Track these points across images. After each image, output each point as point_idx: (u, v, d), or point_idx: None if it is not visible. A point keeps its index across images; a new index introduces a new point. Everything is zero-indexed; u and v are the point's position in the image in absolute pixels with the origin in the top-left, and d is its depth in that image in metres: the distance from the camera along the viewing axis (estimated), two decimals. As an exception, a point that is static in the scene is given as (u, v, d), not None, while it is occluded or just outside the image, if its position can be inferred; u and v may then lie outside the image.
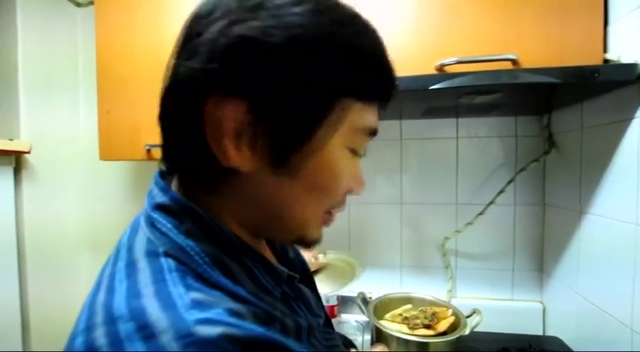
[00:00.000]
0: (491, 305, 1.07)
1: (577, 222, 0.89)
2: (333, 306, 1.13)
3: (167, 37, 0.95)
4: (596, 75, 0.64)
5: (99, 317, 0.25)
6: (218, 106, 0.28)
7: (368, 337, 1.03)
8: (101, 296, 0.27)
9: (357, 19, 0.32)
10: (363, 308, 0.94)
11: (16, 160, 1.09)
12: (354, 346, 0.94)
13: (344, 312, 1.17)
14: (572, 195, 0.91)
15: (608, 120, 0.77)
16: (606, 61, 0.73)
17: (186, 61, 0.29)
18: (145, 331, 0.22)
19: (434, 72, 0.78)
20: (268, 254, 0.43)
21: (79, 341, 0.24)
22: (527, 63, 0.74)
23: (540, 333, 1.05)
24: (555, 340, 0.98)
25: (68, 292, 1.23)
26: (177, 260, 0.28)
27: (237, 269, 0.30)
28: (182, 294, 0.25)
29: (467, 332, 0.84)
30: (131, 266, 0.28)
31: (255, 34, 0.27)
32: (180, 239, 0.29)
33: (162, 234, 0.30)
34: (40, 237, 1.16)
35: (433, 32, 0.80)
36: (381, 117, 0.37)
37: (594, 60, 0.73)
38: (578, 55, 0.74)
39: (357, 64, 0.30)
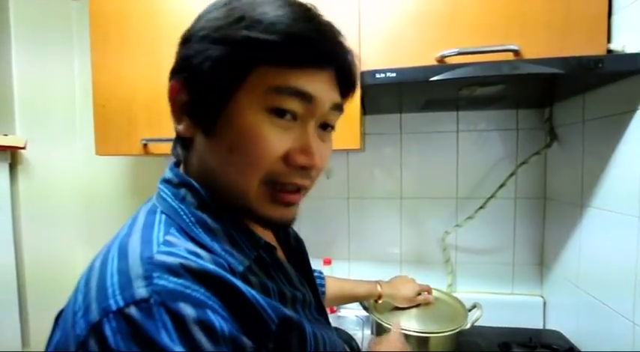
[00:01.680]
0: (492, 299, 1.07)
1: (578, 216, 0.88)
2: (332, 301, 1.13)
3: (163, 31, 0.93)
4: (600, 65, 0.63)
5: (102, 251, 0.34)
6: (171, 87, 0.38)
7: (368, 332, 1.02)
8: (110, 241, 0.35)
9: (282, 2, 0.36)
10: (363, 303, 0.93)
11: (11, 156, 1.08)
12: (354, 340, 0.94)
13: (344, 307, 1.17)
14: (573, 189, 0.90)
15: (610, 112, 0.76)
16: (610, 51, 0.72)
17: None
18: (122, 255, 0.31)
19: (434, 63, 0.77)
20: (267, 235, 0.46)
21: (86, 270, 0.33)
22: (529, 53, 0.73)
23: (541, 327, 1.05)
24: (556, 334, 0.97)
25: (66, 287, 1.22)
26: (168, 216, 0.36)
27: (217, 229, 0.36)
28: (159, 236, 0.33)
29: (467, 326, 0.83)
30: (134, 220, 0.36)
31: (190, 30, 0.38)
32: (175, 203, 0.37)
33: (163, 199, 0.38)
34: (36, 233, 1.15)
35: (434, 23, 0.79)
36: (380, 111, 0.39)
37: (598, 50, 0.72)
38: (581, 45, 0.72)
39: (261, 36, 0.33)
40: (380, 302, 0.88)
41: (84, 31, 1.03)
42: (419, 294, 0.89)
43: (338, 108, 0.39)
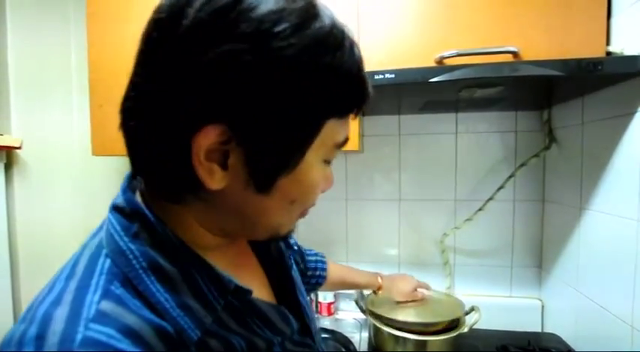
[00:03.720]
0: (490, 302, 1.06)
1: (577, 219, 0.88)
2: (330, 303, 1.12)
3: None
4: (599, 67, 0.63)
5: (30, 313, 0.27)
6: (200, 133, 0.27)
7: (365, 334, 1.02)
8: (44, 292, 0.29)
9: (335, 31, 0.29)
10: (361, 305, 0.93)
11: (6, 156, 1.07)
12: (351, 344, 0.93)
13: (342, 310, 1.16)
14: (572, 191, 0.90)
15: (609, 114, 0.76)
16: (609, 53, 0.72)
17: (154, 65, 0.28)
18: (39, 341, 0.24)
19: (433, 64, 0.76)
20: (242, 244, 0.43)
21: (10, 332, 0.26)
22: (528, 55, 0.73)
23: (539, 330, 1.05)
24: (554, 337, 0.97)
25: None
26: (113, 262, 0.29)
27: (174, 276, 0.29)
28: (92, 303, 0.26)
29: (465, 329, 0.83)
30: (73, 268, 0.30)
31: (238, 51, 0.25)
32: (123, 242, 0.30)
33: (110, 235, 0.30)
34: (32, 234, 1.14)
35: (433, 24, 0.78)
36: (378, 112, 0.37)
37: (597, 52, 0.71)
38: (580, 47, 0.72)
39: (338, 85, 0.29)
40: (379, 293, 0.88)
41: (81, 29, 1.03)
42: (416, 291, 0.88)
43: None
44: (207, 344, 0.30)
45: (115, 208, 0.32)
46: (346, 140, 0.34)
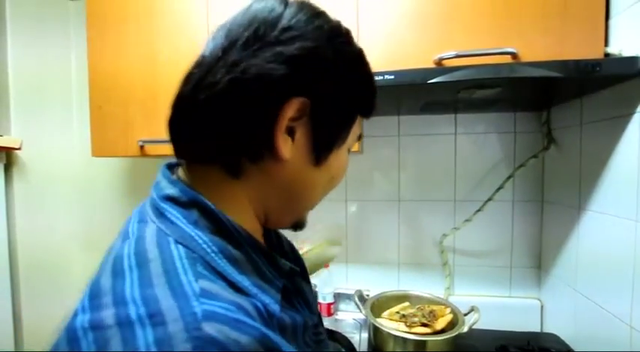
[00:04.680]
0: (489, 302, 1.06)
1: (576, 219, 0.88)
2: (330, 304, 1.12)
3: (160, 31, 0.93)
4: (598, 69, 0.63)
5: (107, 299, 0.25)
6: (289, 105, 0.32)
7: (365, 335, 1.02)
8: (107, 280, 0.27)
9: (358, 49, 0.39)
10: (360, 305, 0.93)
11: (6, 156, 1.07)
12: (350, 344, 0.93)
13: (341, 310, 1.16)
14: (571, 192, 0.90)
15: (607, 115, 0.76)
16: (607, 54, 0.72)
17: (253, 59, 0.31)
18: (157, 318, 0.23)
19: (432, 65, 0.77)
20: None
21: (84, 319, 0.25)
22: (527, 57, 0.73)
23: (538, 330, 1.05)
24: (553, 337, 0.97)
25: (61, 290, 1.21)
26: (187, 248, 0.29)
27: (242, 260, 0.31)
28: (192, 282, 0.26)
29: (465, 329, 0.83)
30: (142, 255, 0.29)
31: (314, 48, 0.33)
32: (189, 228, 0.31)
33: (173, 223, 0.31)
34: (31, 235, 1.14)
35: (432, 25, 0.79)
36: (378, 113, 0.42)
37: (595, 54, 0.72)
38: (578, 48, 0.72)
39: (370, 86, 0.40)
40: None
41: (81, 30, 1.03)
42: None
43: None
44: (282, 319, 0.32)
45: (169, 198, 0.33)
46: (361, 136, 0.43)
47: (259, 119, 0.32)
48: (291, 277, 0.38)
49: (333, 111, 0.35)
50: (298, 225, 0.42)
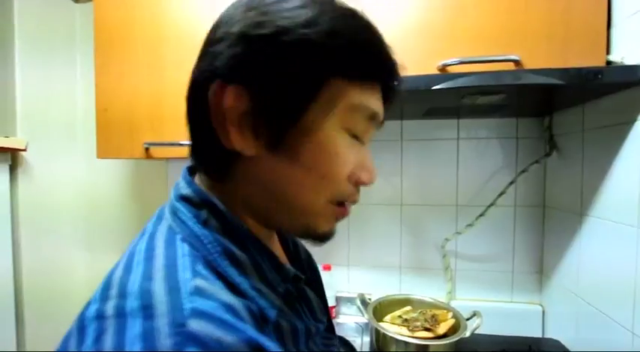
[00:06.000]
0: (491, 307, 1.07)
1: (577, 225, 0.89)
2: (332, 308, 1.13)
3: (166, 34, 0.94)
4: (600, 76, 0.64)
5: (114, 290, 0.27)
6: (220, 94, 0.31)
7: (367, 339, 1.02)
8: (119, 273, 0.29)
9: (352, 12, 0.34)
10: (363, 309, 0.93)
11: (12, 157, 1.08)
12: (353, 348, 0.93)
13: (343, 314, 1.17)
14: (572, 197, 0.91)
15: (609, 122, 0.77)
16: (609, 62, 0.73)
17: (199, 63, 0.34)
18: (147, 310, 0.25)
19: (436, 72, 0.77)
20: (279, 252, 0.45)
21: (93, 309, 0.27)
22: (530, 64, 0.74)
23: (540, 336, 1.05)
24: (555, 342, 0.97)
25: (64, 289, 1.21)
26: (191, 246, 0.31)
27: (245, 262, 0.32)
28: (187, 280, 0.27)
29: (467, 334, 0.83)
30: (150, 251, 0.30)
31: (247, 29, 0.31)
32: (197, 228, 0.32)
33: (182, 222, 0.33)
34: (36, 235, 1.14)
35: (436, 32, 0.80)
36: (384, 117, 0.37)
37: (597, 61, 0.73)
38: (581, 56, 0.73)
39: (341, 45, 0.31)
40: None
41: (87, 35, 1.04)
42: None
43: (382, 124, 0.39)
44: (279, 323, 0.32)
45: (183, 198, 0.34)
46: (373, 113, 0.35)
47: (206, 117, 0.32)
48: (295, 283, 0.38)
49: (273, 84, 0.31)
50: (310, 234, 0.37)
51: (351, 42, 0.32)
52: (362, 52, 0.33)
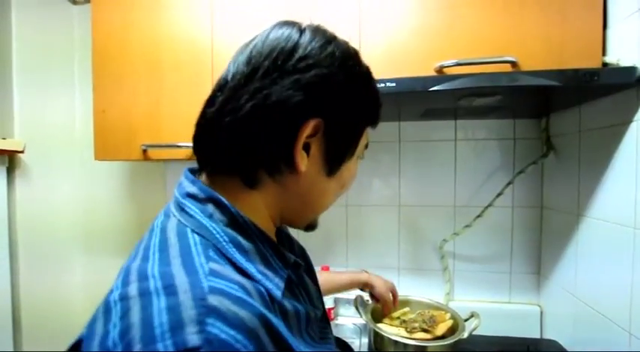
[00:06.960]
0: (489, 307, 1.07)
1: (575, 225, 0.89)
2: (330, 309, 1.12)
3: (164, 37, 0.94)
4: (596, 78, 0.64)
5: (133, 276, 0.30)
6: (306, 126, 0.36)
7: (365, 340, 1.02)
8: (136, 263, 0.32)
9: (367, 68, 0.43)
10: (361, 310, 0.93)
11: (9, 160, 1.08)
12: (351, 349, 0.93)
13: (341, 315, 1.17)
14: (570, 198, 0.91)
15: (606, 123, 0.77)
16: (605, 64, 0.73)
17: (274, 86, 0.35)
18: (170, 289, 0.28)
19: (433, 73, 0.78)
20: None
21: (116, 293, 0.29)
22: (526, 65, 0.74)
23: (538, 336, 1.05)
24: (553, 343, 0.97)
25: (62, 292, 1.21)
26: (201, 236, 0.34)
27: (251, 250, 0.35)
28: (203, 264, 0.31)
29: (465, 335, 0.83)
30: (164, 242, 0.34)
31: (327, 74, 0.37)
32: (205, 220, 0.35)
33: (191, 216, 0.36)
34: (33, 238, 1.14)
35: (433, 34, 0.80)
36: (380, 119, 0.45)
37: (593, 63, 0.73)
38: (577, 57, 0.74)
39: (377, 100, 0.43)
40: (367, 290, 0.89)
41: (85, 38, 1.04)
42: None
43: None
44: (284, 305, 0.35)
45: (189, 195, 0.38)
46: (367, 144, 0.47)
47: (279, 139, 0.36)
48: (295, 269, 0.41)
49: (345, 128, 0.39)
50: (310, 227, 0.47)
51: (378, 98, 0.43)
52: (379, 106, 0.44)
